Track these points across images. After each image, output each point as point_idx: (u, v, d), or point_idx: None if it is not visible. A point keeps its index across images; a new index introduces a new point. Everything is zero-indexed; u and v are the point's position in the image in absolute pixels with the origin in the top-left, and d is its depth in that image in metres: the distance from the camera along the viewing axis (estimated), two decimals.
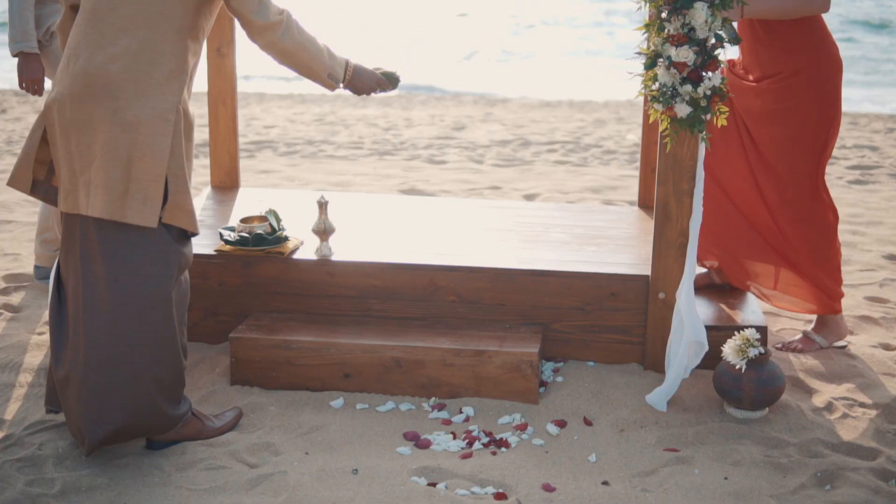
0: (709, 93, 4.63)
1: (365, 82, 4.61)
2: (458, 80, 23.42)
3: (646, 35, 4.79)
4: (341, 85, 4.52)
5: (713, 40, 4.63)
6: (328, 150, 11.45)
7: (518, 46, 32.45)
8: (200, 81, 5.41)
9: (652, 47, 4.71)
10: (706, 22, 4.57)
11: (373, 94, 4.61)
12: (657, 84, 4.70)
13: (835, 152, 11.69)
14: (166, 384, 4.25)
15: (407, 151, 11.44)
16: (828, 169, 10.71)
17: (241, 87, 17.72)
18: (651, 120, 4.80)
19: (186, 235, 4.28)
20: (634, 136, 12.55)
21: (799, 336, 5.49)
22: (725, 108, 4.70)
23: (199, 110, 12.56)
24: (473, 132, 12.87)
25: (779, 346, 5.42)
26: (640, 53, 4.77)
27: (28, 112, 13.72)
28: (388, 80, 4.70)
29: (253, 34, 4.24)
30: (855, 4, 56.54)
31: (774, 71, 5.17)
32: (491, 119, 14.23)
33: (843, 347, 5.43)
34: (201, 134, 11.17)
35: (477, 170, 10.36)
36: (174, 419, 4.32)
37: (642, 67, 4.77)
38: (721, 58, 4.68)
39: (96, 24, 4.12)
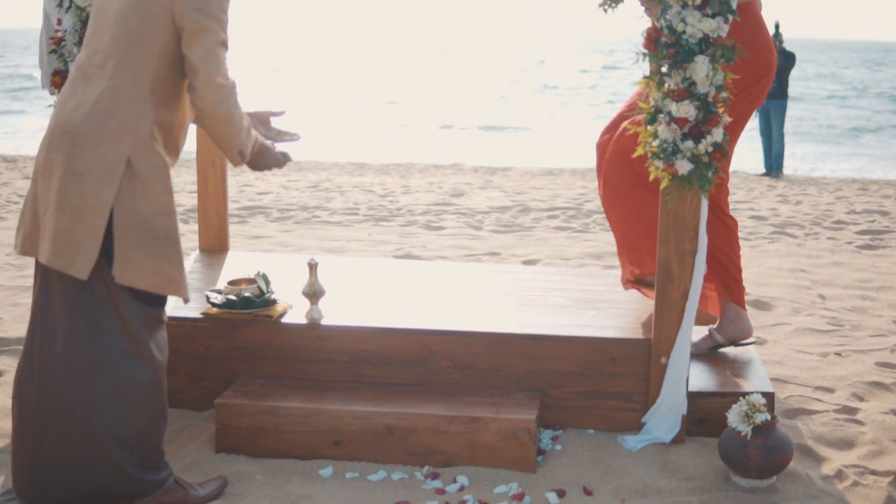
0: (710, 149, 4.51)
1: (265, 160, 4.48)
2: (458, 149, 23.43)
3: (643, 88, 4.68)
4: (245, 161, 4.38)
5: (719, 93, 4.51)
6: (322, 215, 11.35)
7: (518, 117, 32.56)
8: (190, 143, 5.29)
9: (652, 102, 4.59)
10: (707, 76, 4.45)
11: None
12: (658, 140, 4.57)
13: (844, 217, 11.66)
14: (132, 445, 4.10)
15: (403, 217, 11.34)
16: (837, 234, 10.63)
17: None
18: (652, 178, 4.66)
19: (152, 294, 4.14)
20: None
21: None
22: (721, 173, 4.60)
23: (189, 176, 12.47)
24: (472, 199, 12.78)
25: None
26: (640, 108, 4.65)
27: (16, 177, 13.68)
28: (283, 159, 4.58)
29: (194, 83, 4.05)
30: (874, 73, 56.76)
31: None
32: (491, 186, 14.16)
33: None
34: (190, 199, 11.09)
35: (475, 236, 10.24)
36: (149, 485, 4.15)
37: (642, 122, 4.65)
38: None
39: (76, 71, 4.13)
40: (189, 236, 9.29)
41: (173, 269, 4.10)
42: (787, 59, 17.28)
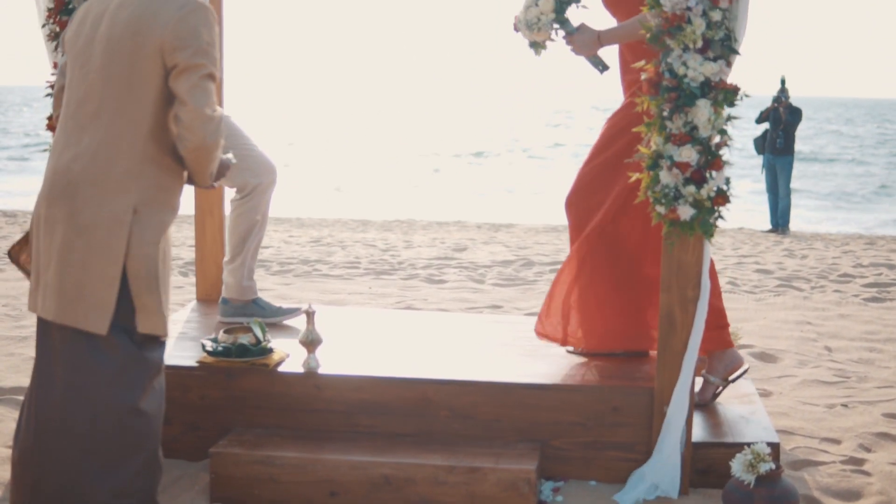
0: (713, 194, 4.45)
1: (221, 171, 4.39)
2: (462, 207, 23.44)
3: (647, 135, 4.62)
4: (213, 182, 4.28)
5: (717, 138, 4.46)
6: (323, 269, 11.30)
7: (528, 179, 32.62)
8: (187, 191, 5.25)
9: (653, 147, 4.53)
10: (709, 120, 4.40)
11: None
12: (659, 186, 4.51)
13: (851, 270, 11.59)
14: (126, 496, 4.02)
15: (405, 271, 11.28)
16: (844, 287, 10.56)
17: None
18: (654, 223, 4.60)
19: (155, 340, 4.07)
20: None
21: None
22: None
23: (189, 231, 12.43)
24: (475, 253, 12.72)
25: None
26: (641, 154, 4.60)
27: (16, 232, 13.66)
28: (228, 163, 4.47)
29: (182, 115, 3.97)
30: (882, 130, 56.85)
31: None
32: (494, 241, 14.12)
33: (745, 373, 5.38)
34: (189, 253, 11.04)
35: (477, 289, 10.17)
36: None
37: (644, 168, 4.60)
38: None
39: (68, 119, 4.08)
40: (187, 288, 9.23)
41: (165, 311, 4.09)
42: (794, 115, 17.23)
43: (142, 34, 3.93)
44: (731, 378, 5.33)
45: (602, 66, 5.12)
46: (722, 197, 4.48)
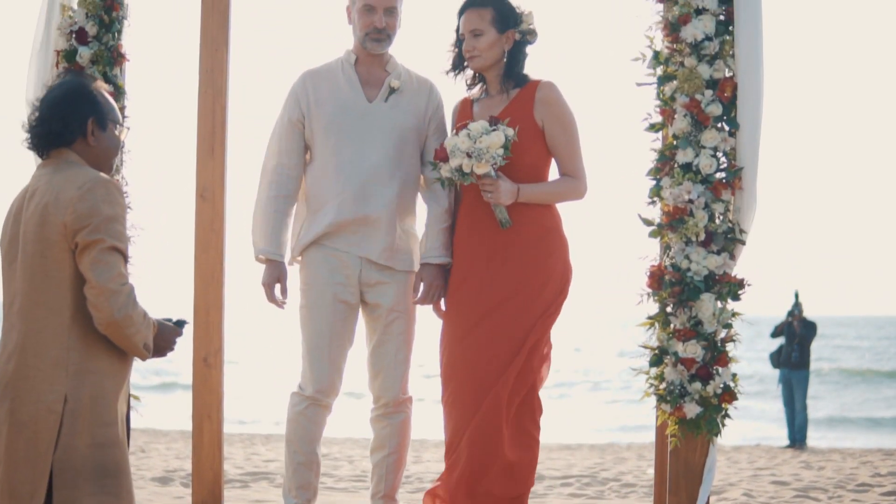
0: (719, 390, 4.33)
1: (165, 340, 4.20)
2: None
3: (651, 331, 4.53)
4: (151, 353, 4.12)
5: (723, 333, 4.36)
6: (328, 482, 11.10)
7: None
8: (185, 395, 5.15)
9: (657, 343, 4.43)
10: (714, 314, 4.31)
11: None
12: (664, 383, 4.40)
13: (869, 479, 11.38)
14: None
15: (412, 485, 11.07)
16: (862, 497, 10.35)
17: (248, 428, 17.39)
18: (659, 422, 4.47)
19: None
20: None
21: None
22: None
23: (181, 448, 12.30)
24: None
25: None
26: (644, 349, 4.50)
27: None
28: (179, 328, 4.29)
29: (87, 293, 3.91)
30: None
31: (522, 252, 4.95)
32: None
33: None
34: (183, 464, 10.85)
35: None
36: None
37: (647, 365, 4.49)
38: None
39: (3, 319, 4.06)
40: (187, 499, 9.04)
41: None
42: (808, 329, 17.14)
43: (48, 223, 3.91)
44: None
45: (507, 222, 5.02)
46: (729, 394, 4.38)
